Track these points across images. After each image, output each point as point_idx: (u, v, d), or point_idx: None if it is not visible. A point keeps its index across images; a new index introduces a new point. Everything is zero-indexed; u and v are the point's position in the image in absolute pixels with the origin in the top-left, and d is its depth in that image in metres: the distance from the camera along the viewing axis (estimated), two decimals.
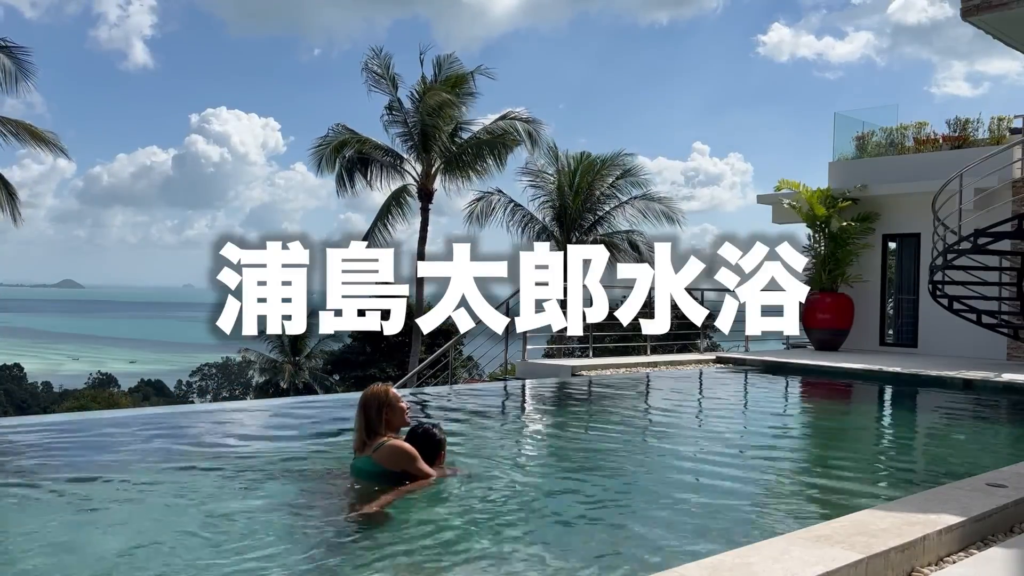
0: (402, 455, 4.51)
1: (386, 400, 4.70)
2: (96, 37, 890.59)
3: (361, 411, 4.71)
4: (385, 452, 4.52)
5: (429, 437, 4.76)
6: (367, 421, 4.67)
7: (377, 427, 4.65)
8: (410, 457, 4.51)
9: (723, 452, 6.23)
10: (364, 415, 4.69)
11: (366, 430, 4.67)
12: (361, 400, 4.75)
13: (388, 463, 4.50)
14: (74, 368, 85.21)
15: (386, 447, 4.54)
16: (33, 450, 6.05)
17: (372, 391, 4.78)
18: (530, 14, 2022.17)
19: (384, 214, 25.35)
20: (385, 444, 4.56)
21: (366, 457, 4.59)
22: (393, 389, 4.81)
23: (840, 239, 14.73)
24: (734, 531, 4.03)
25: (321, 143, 24.85)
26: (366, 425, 4.67)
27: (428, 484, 4.50)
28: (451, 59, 25.31)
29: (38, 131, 21.51)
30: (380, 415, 4.66)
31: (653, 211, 26.41)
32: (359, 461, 4.65)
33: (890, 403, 10.41)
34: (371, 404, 4.70)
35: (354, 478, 4.64)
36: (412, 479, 4.47)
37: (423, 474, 4.51)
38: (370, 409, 4.69)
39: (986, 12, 12.29)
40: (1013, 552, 3.48)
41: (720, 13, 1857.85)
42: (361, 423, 4.69)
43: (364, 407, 4.71)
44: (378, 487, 4.38)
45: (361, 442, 4.68)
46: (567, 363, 11.56)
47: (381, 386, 4.85)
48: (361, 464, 4.62)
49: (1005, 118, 14.76)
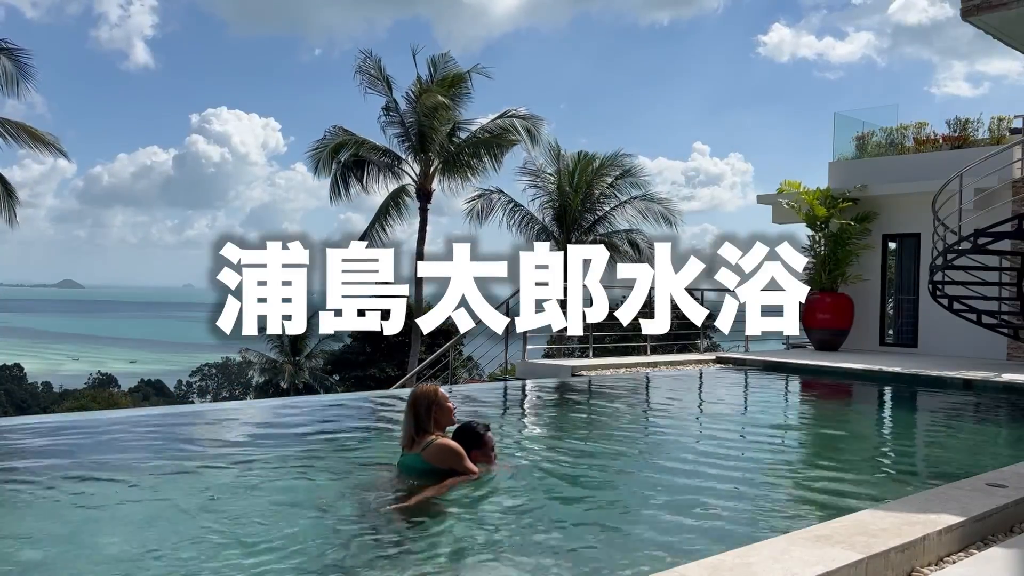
0: (450, 453, 4.62)
1: (435, 399, 4.81)
2: (97, 37, 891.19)
3: (410, 410, 4.81)
4: (434, 450, 4.64)
5: (474, 434, 4.86)
6: (416, 419, 4.77)
7: (426, 425, 4.75)
8: (458, 455, 4.63)
9: (723, 452, 6.22)
10: (413, 414, 4.79)
11: (415, 428, 4.77)
12: (410, 399, 4.86)
13: (436, 461, 4.61)
14: (74, 368, 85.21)
15: (435, 445, 4.65)
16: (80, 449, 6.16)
17: (421, 390, 4.88)
18: (531, 14, 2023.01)
19: (382, 214, 25.34)
20: (434, 442, 4.67)
21: (415, 454, 4.70)
22: (441, 389, 4.92)
23: (840, 239, 14.74)
24: (734, 531, 4.02)
25: (318, 145, 24.85)
26: (415, 423, 4.77)
27: (472, 479, 4.60)
28: (446, 58, 25.30)
29: (37, 132, 21.52)
30: (429, 414, 4.77)
31: (652, 212, 26.42)
32: (408, 458, 4.76)
33: (890, 403, 10.41)
34: (420, 403, 4.80)
35: (402, 474, 4.75)
36: (459, 475, 4.58)
37: (469, 471, 4.62)
38: (419, 408, 4.78)
39: (986, 12, 12.29)
40: (1013, 552, 3.48)
41: (721, 13, 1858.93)
42: (410, 421, 4.79)
43: (413, 406, 4.81)
44: (424, 483, 4.49)
45: (410, 439, 4.78)
46: (567, 363, 11.56)
47: (430, 386, 4.97)
48: (410, 461, 4.73)
49: (1005, 118, 14.77)
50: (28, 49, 21.28)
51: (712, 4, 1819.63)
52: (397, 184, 25.43)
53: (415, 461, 4.69)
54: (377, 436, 7.05)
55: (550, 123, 48.43)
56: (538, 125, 25.67)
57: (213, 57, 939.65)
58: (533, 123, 25.59)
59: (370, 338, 35.48)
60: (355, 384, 34.05)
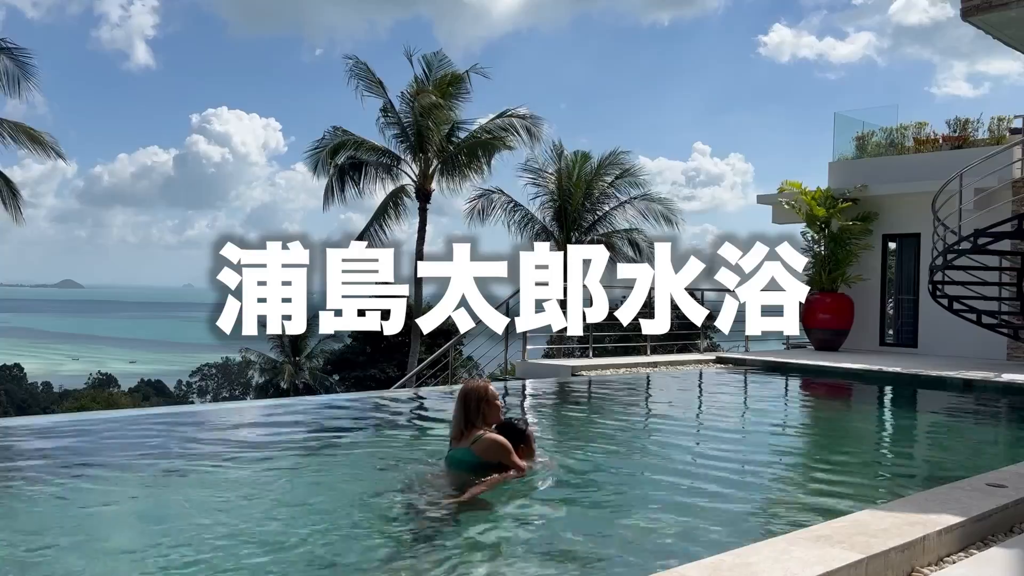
0: (499, 448, 4.75)
1: (484, 396, 4.92)
2: (98, 37, 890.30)
3: (460, 404, 4.94)
4: (483, 444, 4.76)
5: (517, 431, 4.99)
6: (466, 414, 4.90)
7: (475, 420, 4.88)
8: (506, 450, 4.76)
9: (723, 452, 6.23)
10: (463, 409, 4.92)
11: (464, 422, 4.89)
12: (461, 394, 4.98)
13: (486, 455, 4.73)
14: (74, 368, 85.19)
15: (484, 439, 4.77)
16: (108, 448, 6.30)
17: (472, 386, 5.01)
18: (532, 14, 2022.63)
19: (381, 214, 25.32)
20: (483, 437, 4.79)
21: (465, 448, 4.81)
22: (491, 387, 5.03)
23: (840, 239, 14.74)
24: (734, 531, 4.03)
25: (318, 146, 24.85)
26: (464, 418, 4.89)
27: (520, 475, 4.75)
28: (440, 56, 25.28)
29: (36, 133, 21.47)
30: (478, 409, 4.89)
31: (653, 211, 26.41)
32: (458, 452, 4.86)
33: (890, 403, 10.41)
34: (470, 398, 4.92)
35: (450, 467, 4.87)
36: (505, 470, 4.72)
37: (516, 466, 4.76)
38: (469, 403, 4.91)
39: (986, 12, 12.29)
40: (1013, 552, 3.48)
41: (721, 14, 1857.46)
42: (460, 416, 4.92)
43: (463, 401, 4.93)
44: (473, 477, 4.63)
45: (459, 433, 4.90)
46: (567, 363, 11.56)
47: (481, 382, 5.10)
48: (460, 455, 4.83)
49: (1005, 118, 14.76)
50: (29, 49, 21.30)
51: (713, 4, 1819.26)
52: (396, 185, 25.43)
53: (465, 455, 4.80)
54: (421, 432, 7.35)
55: (551, 123, 48.45)
56: (538, 124, 25.68)
57: (214, 57, 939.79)
58: (533, 123, 25.60)
59: (370, 338, 35.49)
60: (355, 384, 34.05)
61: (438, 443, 5.59)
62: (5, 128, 20.95)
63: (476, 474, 4.65)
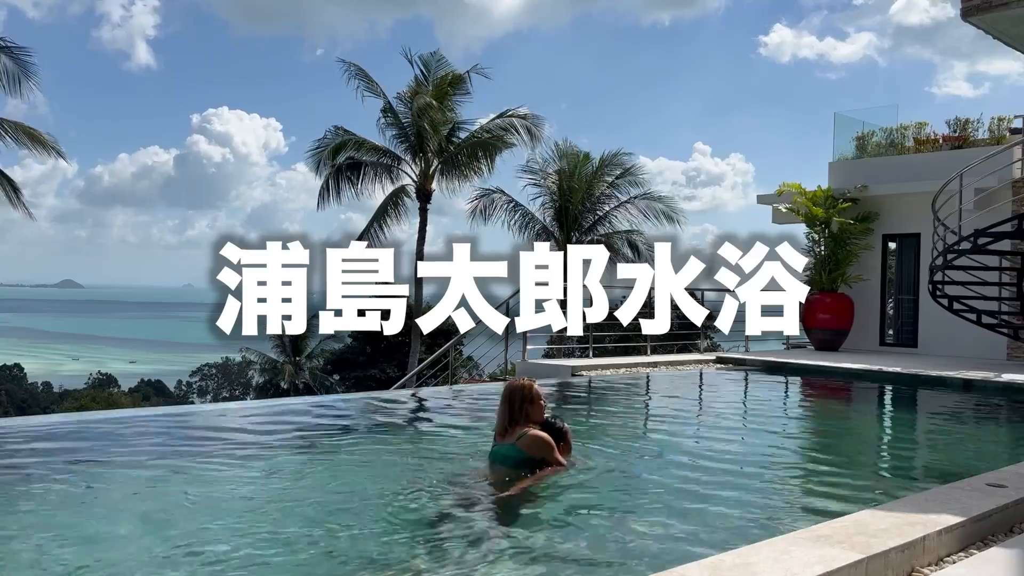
0: (543, 444, 4.96)
1: (529, 395, 5.12)
2: (99, 38, 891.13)
3: (505, 402, 5.13)
4: (528, 440, 4.96)
5: (557, 429, 5.17)
6: (511, 412, 5.09)
7: (519, 418, 5.07)
8: (550, 446, 4.97)
9: (723, 452, 6.23)
10: (508, 406, 5.11)
11: (509, 419, 5.09)
12: (506, 393, 5.17)
13: (531, 450, 4.94)
14: (74, 368, 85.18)
15: (529, 436, 4.97)
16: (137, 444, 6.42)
17: (517, 385, 5.19)
18: (532, 14, 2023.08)
19: (381, 214, 25.32)
20: (528, 433, 4.99)
21: (510, 444, 5.01)
22: (536, 386, 5.20)
23: (840, 239, 14.73)
24: (734, 531, 4.03)
25: (319, 146, 24.84)
26: (509, 415, 5.09)
27: (562, 471, 4.96)
28: (438, 56, 25.28)
29: (36, 133, 21.45)
30: (522, 408, 5.09)
31: (654, 211, 26.40)
32: (502, 448, 5.06)
33: (890, 403, 10.41)
34: (515, 397, 5.12)
35: (495, 462, 5.06)
36: (548, 465, 4.92)
37: (558, 462, 4.97)
38: (514, 402, 5.10)
39: (986, 12, 12.28)
40: (1013, 552, 3.48)
41: (722, 14, 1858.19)
42: (505, 413, 5.11)
43: (508, 399, 5.12)
44: (519, 472, 4.85)
45: (503, 430, 5.11)
46: (567, 363, 11.56)
47: (526, 381, 5.27)
48: (505, 451, 5.03)
49: (1005, 118, 14.76)
50: (29, 48, 21.25)
51: (713, 4, 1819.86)
52: (396, 185, 25.42)
53: (510, 450, 4.99)
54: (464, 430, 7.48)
55: (551, 124, 48.33)
56: (539, 124, 25.68)
57: (215, 57, 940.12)
58: (533, 122, 25.59)
59: (370, 338, 35.48)
60: (355, 384, 34.04)
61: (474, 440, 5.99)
62: (5, 128, 20.94)
63: (520, 469, 4.86)
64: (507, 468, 4.93)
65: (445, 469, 5.39)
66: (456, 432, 7.28)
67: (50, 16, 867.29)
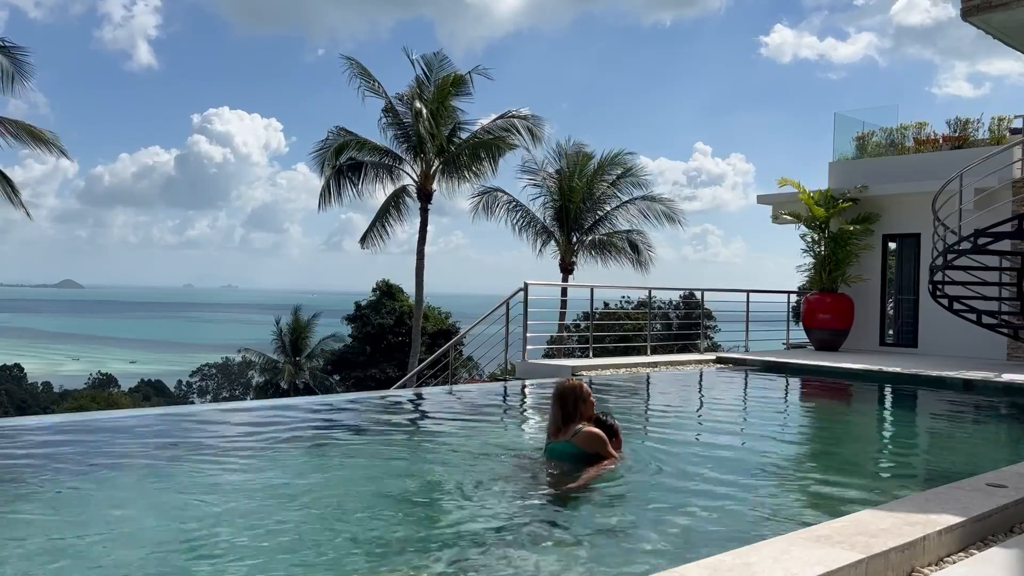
0: (597, 440, 5.24)
1: (581, 395, 5.38)
2: (100, 38, 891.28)
3: (559, 402, 5.39)
4: (584, 437, 5.22)
5: (608, 426, 5.42)
6: (565, 411, 5.34)
7: (573, 416, 5.33)
8: (604, 442, 5.25)
9: (723, 452, 6.23)
10: (562, 406, 5.36)
11: (563, 418, 5.34)
12: (559, 393, 5.42)
13: (586, 446, 5.20)
14: (74, 368, 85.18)
15: (583, 433, 5.23)
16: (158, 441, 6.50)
17: (570, 385, 5.44)
18: (533, 14, 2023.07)
19: (383, 215, 25.33)
20: (583, 431, 5.25)
21: (566, 441, 5.27)
22: (586, 385, 5.46)
23: (840, 239, 14.73)
24: (734, 531, 4.03)
25: (321, 147, 24.82)
26: (564, 414, 5.34)
27: (614, 466, 5.22)
28: (440, 57, 25.24)
29: (37, 131, 21.45)
30: (576, 406, 5.34)
31: (654, 211, 26.42)
32: (559, 444, 5.31)
33: (890, 403, 10.41)
34: (568, 397, 5.37)
35: (551, 458, 5.31)
36: (601, 460, 5.18)
37: (611, 456, 5.25)
38: (567, 401, 5.36)
39: (986, 12, 12.29)
40: (1013, 552, 3.48)
41: (723, 14, 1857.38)
42: (559, 412, 5.36)
43: (561, 399, 5.38)
44: (575, 467, 5.11)
45: (557, 428, 5.35)
46: (567, 363, 11.55)
47: (576, 381, 5.53)
48: (561, 447, 5.28)
49: (1005, 118, 14.76)
50: (25, 47, 21.20)
51: (714, 5, 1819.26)
52: (397, 185, 25.42)
53: (566, 447, 5.24)
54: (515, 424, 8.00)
55: (552, 124, 48.27)
56: (539, 125, 25.67)
57: (216, 57, 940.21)
58: (534, 123, 25.58)
59: (370, 338, 35.51)
60: (355, 384, 34.04)
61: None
62: (6, 127, 20.92)
63: (576, 464, 5.12)
64: (564, 463, 5.18)
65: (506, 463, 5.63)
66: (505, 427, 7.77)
67: (51, 16, 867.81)
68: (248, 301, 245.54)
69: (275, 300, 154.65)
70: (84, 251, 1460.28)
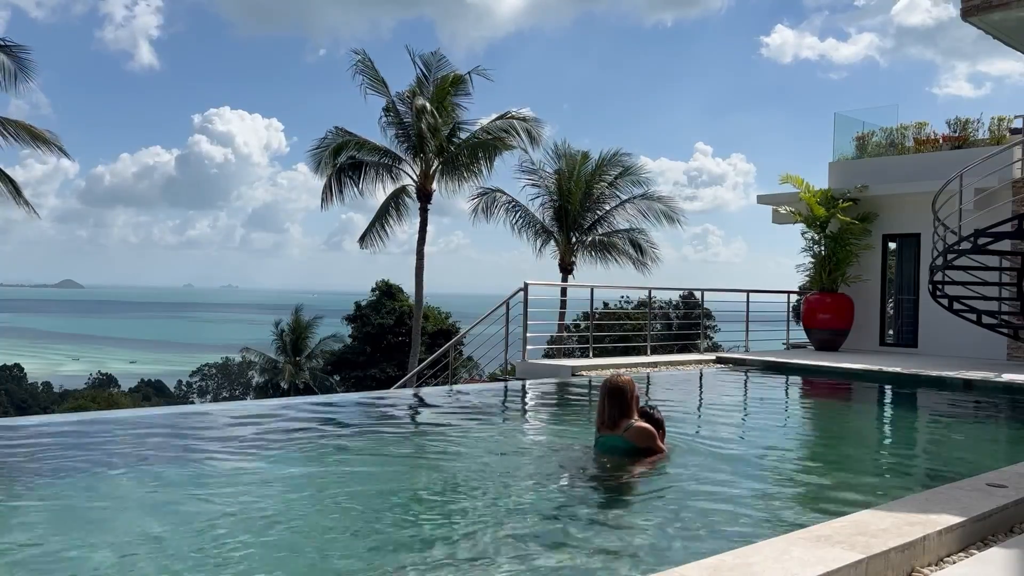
0: (649, 434, 5.52)
1: (632, 391, 5.64)
2: (102, 38, 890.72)
3: (611, 398, 5.61)
4: (635, 432, 5.50)
5: (656, 421, 5.67)
6: (615, 406, 5.59)
7: (626, 412, 5.57)
8: (654, 436, 5.53)
9: (723, 452, 6.23)
10: (612, 401, 5.60)
11: (617, 413, 5.58)
12: (609, 389, 5.65)
13: (638, 441, 5.49)
14: (74, 368, 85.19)
15: (635, 428, 5.52)
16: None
17: (621, 382, 5.67)
18: (535, 15, 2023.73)
19: (382, 215, 25.32)
20: (634, 426, 5.53)
21: (618, 436, 5.54)
22: (633, 381, 5.72)
23: (840, 239, 14.73)
24: (734, 531, 4.03)
25: (319, 146, 24.81)
26: (617, 409, 5.59)
27: (664, 458, 5.52)
28: (439, 56, 25.23)
29: (39, 132, 21.44)
30: (626, 402, 5.59)
31: (653, 211, 26.40)
32: (610, 439, 5.57)
33: (890, 403, 10.41)
34: (619, 392, 5.62)
35: (603, 452, 5.59)
36: (651, 453, 5.47)
37: (660, 450, 5.53)
38: (617, 397, 5.61)
39: (986, 12, 12.29)
40: (1013, 552, 3.48)
41: (724, 15, 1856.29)
42: (612, 408, 5.60)
43: (612, 395, 5.62)
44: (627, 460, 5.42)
45: (611, 422, 5.59)
46: (567, 363, 11.56)
47: (626, 378, 5.75)
48: (613, 441, 5.56)
49: (1005, 118, 14.76)
50: (27, 46, 21.17)
51: (716, 5, 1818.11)
52: (397, 185, 25.41)
53: (618, 441, 5.53)
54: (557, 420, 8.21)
55: (553, 125, 48.42)
56: (538, 127, 25.65)
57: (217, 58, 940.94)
58: (533, 125, 25.56)
59: (370, 338, 35.52)
60: (355, 384, 34.05)
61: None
62: (7, 127, 20.91)
63: (628, 457, 5.43)
64: (615, 457, 5.45)
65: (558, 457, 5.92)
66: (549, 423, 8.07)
67: (53, 16, 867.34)
68: (248, 301, 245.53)
69: (275, 300, 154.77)
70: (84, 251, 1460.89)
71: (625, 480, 5.23)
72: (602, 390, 5.70)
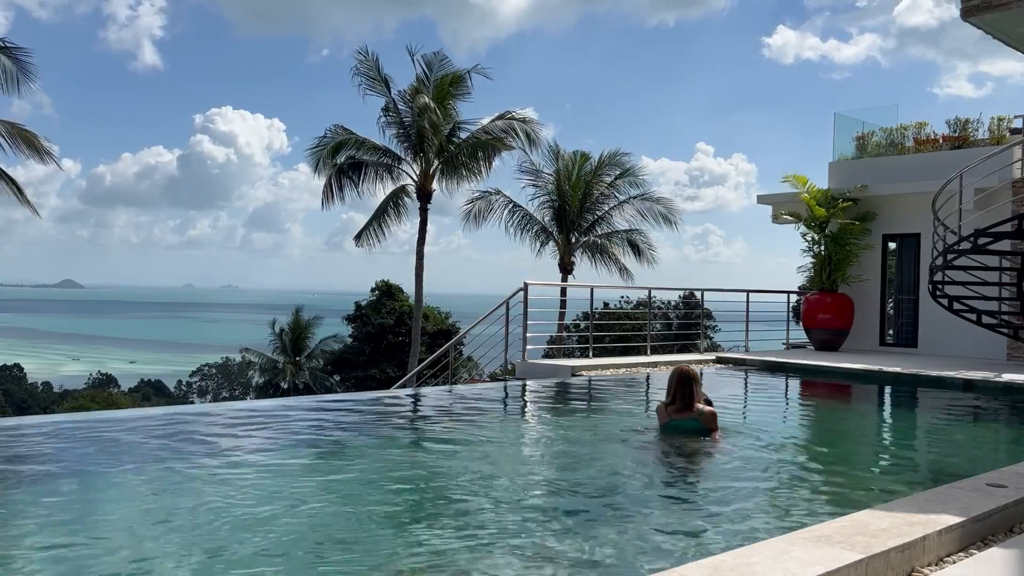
0: (715, 417, 6.50)
1: (698, 378, 6.55)
2: (105, 38, 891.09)
3: (685, 385, 6.48)
4: (708, 415, 6.46)
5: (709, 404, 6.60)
6: (689, 392, 6.46)
7: (696, 397, 6.47)
8: (716, 418, 6.51)
9: (722, 452, 6.22)
10: (686, 388, 6.47)
11: (691, 398, 6.45)
12: (682, 376, 6.52)
13: (708, 423, 6.43)
14: (74, 368, 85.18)
15: (707, 412, 6.47)
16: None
17: (690, 372, 6.55)
18: (537, 15, 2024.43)
19: (381, 214, 25.30)
20: (705, 410, 6.47)
21: (692, 419, 6.43)
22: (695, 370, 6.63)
23: (840, 239, 14.73)
24: (734, 531, 4.03)
25: (319, 144, 24.78)
26: (691, 395, 6.45)
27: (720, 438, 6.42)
28: (440, 56, 25.21)
29: (31, 137, 21.18)
30: (695, 389, 6.48)
31: (653, 212, 26.39)
32: (685, 421, 6.44)
33: (890, 403, 10.41)
34: (689, 380, 6.49)
35: (676, 433, 6.39)
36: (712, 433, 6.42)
37: (718, 430, 6.49)
38: (688, 384, 6.48)
39: (986, 12, 12.28)
40: (1013, 552, 3.48)
41: (726, 15, 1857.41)
42: (683, 393, 6.47)
43: (686, 382, 6.48)
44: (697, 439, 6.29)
45: (684, 406, 6.45)
46: (567, 363, 11.55)
47: (694, 367, 6.74)
48: (688, 424, 6.42)
49: (1005, 118, 14.75)
50: (29, 48, 21.14)
51: (718, 5, 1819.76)
52: (397, 184, 25.39)
53: (693, 423, 6.41)
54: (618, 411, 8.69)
55: (555, 125, 48.46)
56: (537, 129, 25.64)
57: (220, 58, 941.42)
58: (532, 126, 25.54)
59: (370, 338, 35.51)
60: (355, 384, 34.04)
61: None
62: (3, 129, 20.84)
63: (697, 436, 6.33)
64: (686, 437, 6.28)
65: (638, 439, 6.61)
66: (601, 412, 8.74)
67: (56, 16, 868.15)
68: (248, 301, 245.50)
69: (275, 300, 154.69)
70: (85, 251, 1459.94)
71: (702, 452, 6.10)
72: (674, 379, 6.51)
